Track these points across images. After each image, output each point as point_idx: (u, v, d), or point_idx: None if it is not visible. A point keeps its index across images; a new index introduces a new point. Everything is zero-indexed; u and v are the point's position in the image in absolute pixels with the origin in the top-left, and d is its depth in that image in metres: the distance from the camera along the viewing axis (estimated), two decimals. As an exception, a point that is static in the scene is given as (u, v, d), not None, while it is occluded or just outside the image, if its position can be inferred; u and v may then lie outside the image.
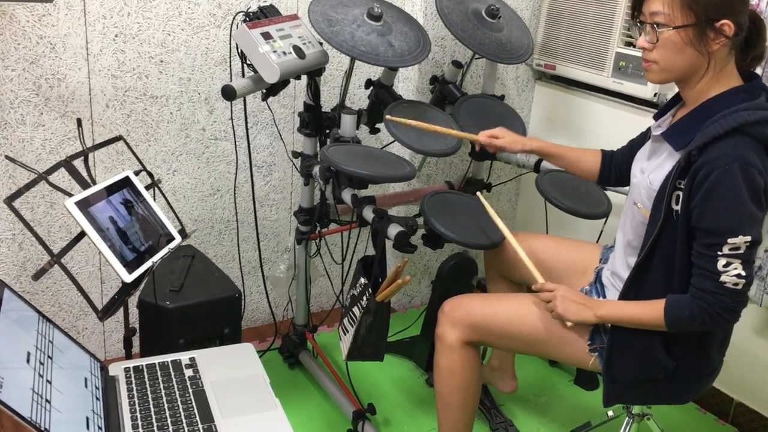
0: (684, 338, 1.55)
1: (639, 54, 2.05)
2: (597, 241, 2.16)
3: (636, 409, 1.88)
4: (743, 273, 1.42)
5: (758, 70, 1.57)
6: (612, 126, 2.58)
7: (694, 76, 1.50)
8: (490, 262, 2.13)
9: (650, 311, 1.52)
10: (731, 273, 1.42)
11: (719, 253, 1.42)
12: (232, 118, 2.38)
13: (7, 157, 1.57)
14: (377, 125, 2.31)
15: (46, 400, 1.13)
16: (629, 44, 2.40)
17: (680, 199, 1.47)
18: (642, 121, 2.32)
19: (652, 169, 1.59)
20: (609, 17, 2.44)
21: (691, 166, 1.44)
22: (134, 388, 1.41)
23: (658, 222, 1.51)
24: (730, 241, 1.40)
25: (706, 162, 1.41)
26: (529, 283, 2.02)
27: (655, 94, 2.32)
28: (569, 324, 1.63)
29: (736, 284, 1.42)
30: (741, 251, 1.41)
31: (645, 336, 1.57)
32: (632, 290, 1.61)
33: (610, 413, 2.06)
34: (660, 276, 1.55)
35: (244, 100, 2.24)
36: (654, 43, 1.48)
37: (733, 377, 2.33)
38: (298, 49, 1.95)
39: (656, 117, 1.65)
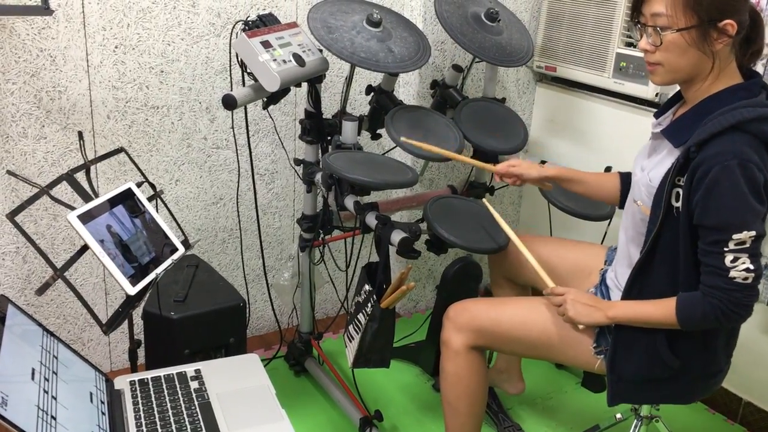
0: (688, 336, 1.55)
1: (639, 54, 2.04)
2: (601, 242, 2.15)
3: (644, 411, 1.87)
4: (752, 267, 1.42)
5: (759, 69, 1.56)
6: (614, 127, 2.58)
7: (698, 76, 1.49)
8: (495, 265, 2.13)
9: (662, 310, 1.52)
10: (740, 268, 1.42)
11: (725, 249, 1.42)
12: (233, 127, 2.38)
13: (8, 171, 1.57)
14: (378, 131, 2.31)
15: (52, 417, 1.13)
16: (629, 45, 2.39)
17: (680, 196, 1.47)
18: (643, 121, 2.32)
19: (652, 166, 1.58)
20: (609, 18, 2.43)
21: (690, 163, 1.44)
22: (140, 401, 1.41)
23: (658, 219, 1.51)
24: (735, 236, 1.40)
25: (704, 159, 1.41)
26: (534, 286, 2.02)
27: (657, 94, 2.31)
28: (581, 327, 1.63)
29: (746, 278, 1.42)
30: (747, 245, 1.41)
31: (649, 335, 1.57)
32: (635, 288, 1.60)
33: (618, 416, 2.05)
34: (663, 273, 1.55)
35: (245, 109, 2.24)
36: (657, 46, 1.47)
37: (742, 377, 2.32)
38: (297, 57, 1.95)
39: (657, 115, 1.65)
